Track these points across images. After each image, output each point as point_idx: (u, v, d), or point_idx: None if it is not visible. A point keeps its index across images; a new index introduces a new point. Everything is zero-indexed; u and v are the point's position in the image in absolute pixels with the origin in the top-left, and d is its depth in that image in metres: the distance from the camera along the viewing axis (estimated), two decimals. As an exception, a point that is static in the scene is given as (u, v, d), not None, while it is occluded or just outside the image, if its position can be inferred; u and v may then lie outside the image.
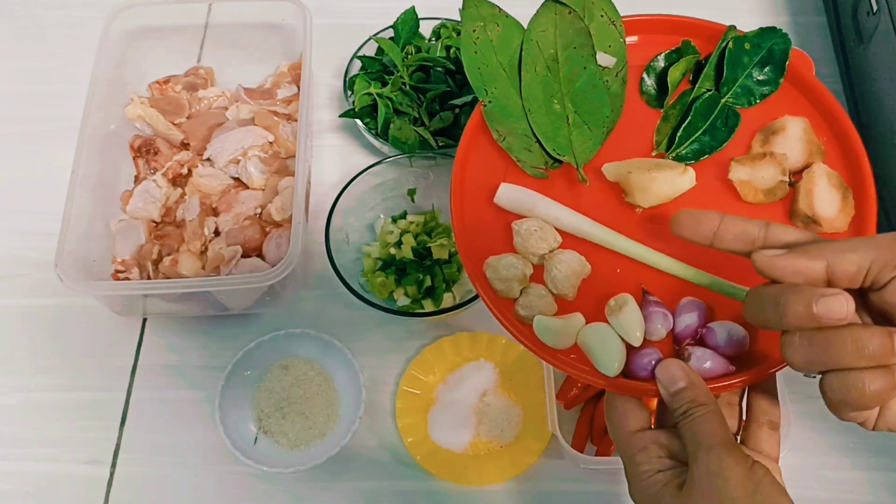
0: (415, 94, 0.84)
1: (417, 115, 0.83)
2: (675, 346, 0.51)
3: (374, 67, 0.86)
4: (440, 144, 0.83)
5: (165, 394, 0.76)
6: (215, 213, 0.81)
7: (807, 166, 0.56)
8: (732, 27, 0.60)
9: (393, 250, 0.78)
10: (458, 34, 0.87)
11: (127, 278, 0.77)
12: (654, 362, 0.49)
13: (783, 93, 0.59)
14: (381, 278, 0.76)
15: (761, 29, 0.59)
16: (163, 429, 0.74)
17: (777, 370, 0.50)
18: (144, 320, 0.80)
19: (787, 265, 0.42)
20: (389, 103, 0.83)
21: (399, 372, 0.76)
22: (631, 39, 0.61)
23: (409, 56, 0.86)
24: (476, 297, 0.71)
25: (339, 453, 0.69)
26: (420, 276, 0.75)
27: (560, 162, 0.58)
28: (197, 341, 0.78)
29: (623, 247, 0.54)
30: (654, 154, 0.58)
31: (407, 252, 0.77)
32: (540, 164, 0.58)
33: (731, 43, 0.59)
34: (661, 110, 0.60)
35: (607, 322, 0.51)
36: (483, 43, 0.58)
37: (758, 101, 0.59)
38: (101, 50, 0.83)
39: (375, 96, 0.83)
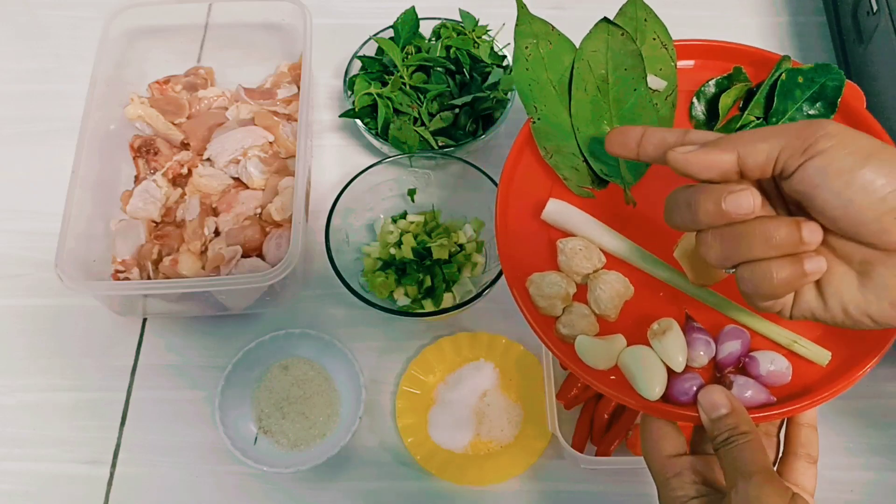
0: (415, 94, 0.84)
1: (417, 115, 0.83)
2: (717, 373, 0.51)
3: (374, 67, 0.86)
4: (440, 144, 0.83)
5: (165, 394, 0.76)
6: (215, 213, 0.81)
7: None
8: (787, 57, 0.60)
9: (393, 250, 0.78)
10: (458, 34, 0.87)
11: (127, 278, 0.77)
12: (695, 388, 0.48)
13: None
14: (381, 278, 0.76)
15: (817, 64, 0.59)
16: (163, 429, 0.74)
17: (820, 403, 0.49)
18: (144, 320, 0.80)
19: (699, 160, 0.42)
20: (389, 103, 0.83)
21: (399, 372, 0.75)
22: (682, 64, 0.61)
23: (409, 56, 0.86)
24: (476, 297, 0.71)
25: (339, 453, 0.69)
26: (420, 276, 0.75)
27: (606, 182, 0.57)
28: (197, 341, 0.78)
29: (668, 278, 0.54)
30: None
31: (407, 252, 0.77)
32: (586, 183, 0.58)
33: (784, 74, 0.59)
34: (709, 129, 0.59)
35: (649, 345, 0.50)
36: (535, 60, 0.59)
37: None
38: (101, 50, 0.83)
39: (375, 96, 0.83)
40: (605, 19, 0.58)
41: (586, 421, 0.71)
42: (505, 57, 0.88)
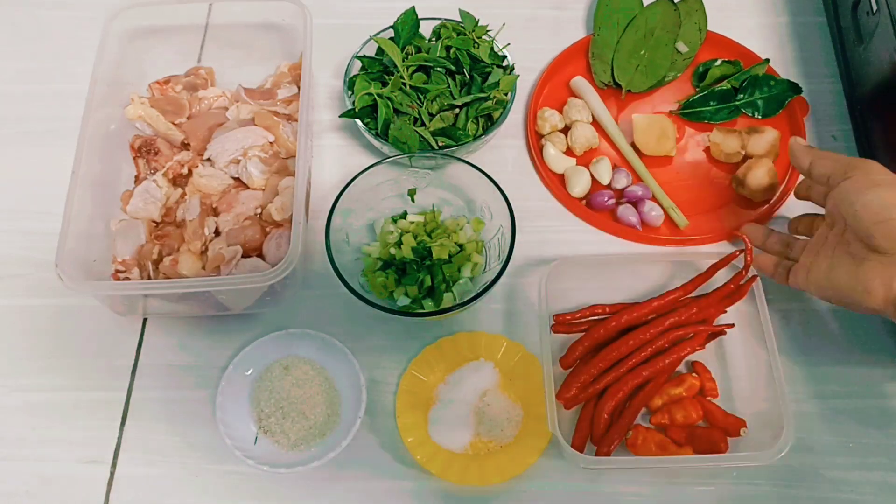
0: (415, 94, 0.84)
1: (417, 115, 0.83)
2: (623, 197, 0.85)
3: (374, 67, 0.86)
4: (440, 144, 0.83)
5: (166, 393, 0.76)
6: (215, 213, 0.81)
7: (762, 157, 0.83)
8: (767, 60, 0.90)
9: (393, 250, 0.78)
10: (458, 34, 0.87)
11: (127, 278, 0.77)
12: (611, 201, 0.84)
13: (778, 117, 0.89)
14: (381, 278, 0.76)
15: (786, 80, 0.89)
16: (163, 428, 0.74)
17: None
18: (145, 320, 0.80)
19: (795, 155, 0.71)
20: (389, 103, 0.83)
21: (399, 372, 0.76)
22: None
23: (409, 56, 0.86)
24: (476, 297, 0.71)
25: (339, 453, 0.69)
26: (420, 276, 0.75)
27: (619, 86, 0.91)
28: (197, 341, 0.78)
29: (619, 142, 0.87)
30: (675, 102, 0.91)
31: (407, 252, 0.77)
32: (607, 80, 0.92)
33: (761, 71, 0.89)
34: (697, 88, 0.92)
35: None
36: (614, 2, 0.95)
37: (760, 117, 0.89)
38: (101, 50, 0.83)
39: (375, 96, 0.83)
40: None
41: (586, 421, 0.71)
42: (505, 57, 0.88)
